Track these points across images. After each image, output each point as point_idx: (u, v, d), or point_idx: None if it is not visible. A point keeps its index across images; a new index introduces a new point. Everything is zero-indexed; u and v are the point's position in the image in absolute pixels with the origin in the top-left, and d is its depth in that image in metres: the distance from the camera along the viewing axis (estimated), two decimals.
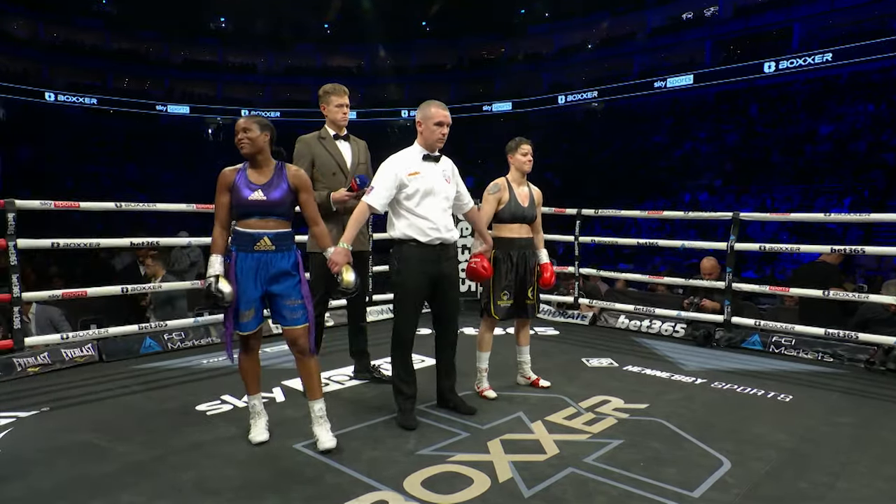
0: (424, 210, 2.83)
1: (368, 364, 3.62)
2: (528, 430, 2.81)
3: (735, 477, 2.33)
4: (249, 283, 2.52)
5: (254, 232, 2.51)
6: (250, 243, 2.51)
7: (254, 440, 2.63)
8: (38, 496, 2.20)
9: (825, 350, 4.18)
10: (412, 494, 2.18)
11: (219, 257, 2.54)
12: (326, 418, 2.61)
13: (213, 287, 2.46)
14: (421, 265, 2.83)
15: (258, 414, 2.70)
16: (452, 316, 3.01)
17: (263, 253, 2.51)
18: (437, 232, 2.84)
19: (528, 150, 3.34)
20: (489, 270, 3.10)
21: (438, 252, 2.87)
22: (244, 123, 2.54)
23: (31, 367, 3.71)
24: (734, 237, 4.57)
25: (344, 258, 2.64)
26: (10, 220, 3.54)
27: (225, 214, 2.56)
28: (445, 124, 2.86)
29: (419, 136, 2.90)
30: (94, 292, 4.16)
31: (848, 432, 2.85)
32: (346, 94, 3.41)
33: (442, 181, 2.90)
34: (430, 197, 2.84)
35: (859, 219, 4.05)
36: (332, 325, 4.74)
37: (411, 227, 2.83)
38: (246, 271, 2.51)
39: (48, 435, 2.74)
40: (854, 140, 19.03)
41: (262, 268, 2.52)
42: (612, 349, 4.44)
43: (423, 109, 2.88)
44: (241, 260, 2.52)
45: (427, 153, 2.89)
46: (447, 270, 2.91)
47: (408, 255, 2.83)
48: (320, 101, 3.41)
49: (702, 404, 3.20)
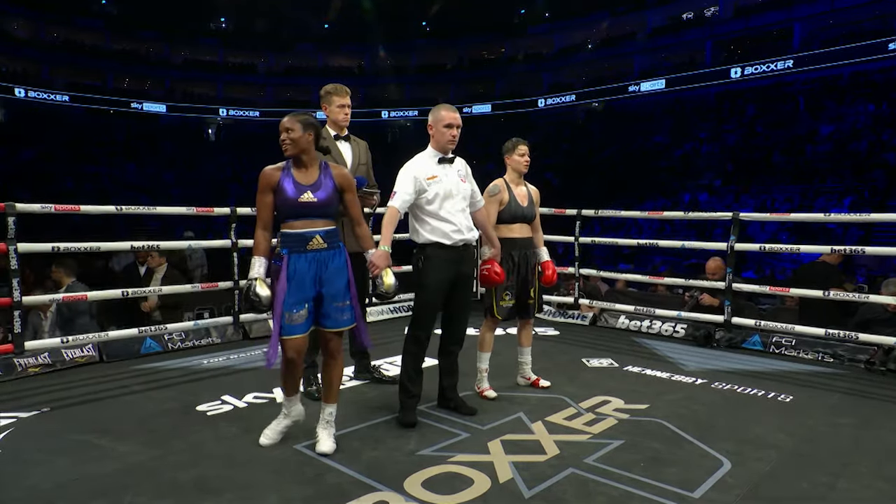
0: (446, 213, 2.88)
1: (368, 364, 3.63)
2: (528, 430, 2.81)
3: (735, 477, 2.33)
4: (304, 284, 2.46)
5: (305, 232, 2.47)
6: (303, 244, 2.47)
7: (261, 440, 2.61)
8: (39, 496, 2.20)
9: (825, 350, 4.18)
10: (412, 495, 2.18)
11: (261, 259, 2.49)
12: (333, 424, 2.60)
13: (252, 291, 2.43)
14: (445, 266, 2.87)
15: (284, 415, 2.66)
16: (464, 316, 3.04)
17: (317, 251, 2.48)
18: (459, 234, 2.90)
19: (526, 150, 3.36)
20: (502, 276, 3.11)
21: (461, 253, 2.93)
22: (287, 123, 2.49)
23: (32, 367, 3.72)
24: (734, 237, 4.57)
25: (385, 261, 2.66)
26: (10, 223, 3.53)
27: (268, 215, 2.51)
28: (455, 126, 2.90)
29: (431, 140, 2.94)
30: (95, 296, 4.16)
31: (848, 433, 2.85)
32: (349, 95, 3.40)
33: (458, 182, 2.94)
34: (449, 199, 2.89)
35: (859, 219, 4.05)
36: None
37: (435, 232, 2.87)
38: (301, 272, 2.46)
39: (49, 435, 2.75)
40: (854, 140, 19.02)
41: (319, 267, 2.48)
42: (613, 349, 4.44)
43: (433, 113, 2.93)
44: (294, 261, 2.46)
45: (442, 156, 2.93)
46: (466, 270, 2.97)
47: (433, 256, 2.87)
48: (322, 101, 3.40)
49: (702, 405, 3.20)
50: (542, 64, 31.23)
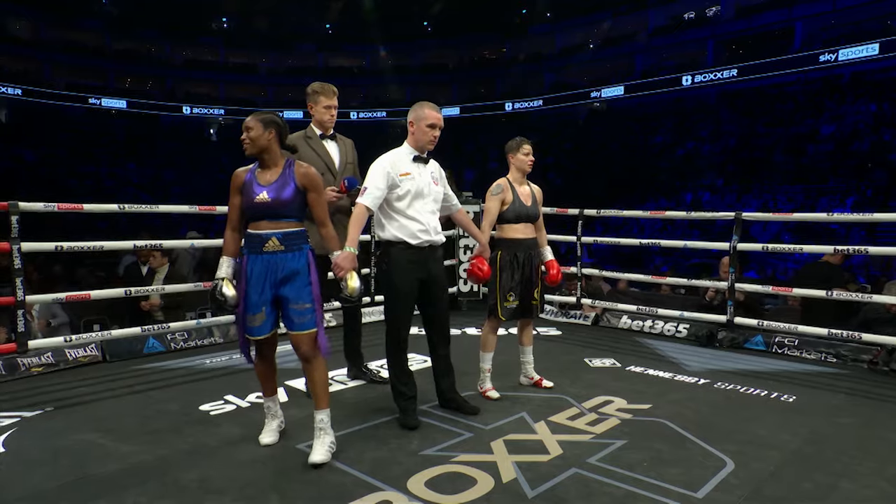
0: (414, 212, 2.83)
1: (362, 364, 3.62)
2: (531, 430, 2.81)
3: (739, 478, 2.33)
4: (259, 286, 2.44)
5: (262, 233, 2.45)
6: (259, 245, 2.45)
7: (260, 441, 2.62)
8: (43, 496, 2.20)
9: (828, 350, 4.17)
10: (416, 495, 2.18)
11: (228, 259, 2.51)
12: (328, 430, 2.51)
13: (218, 290, 2.45)
14: (410, 267, 2.84)
15: (272, 416, 2.68)
16: (443, 316, 3.01)
17: (273, 254, 2.44)
18: (426, 234, 2.85)
19: (529, 149, 3.35)
20: (487, 272, 3.12)
21: (427, 254, 2.88)
22: (248, 122, 2.46)
23: (35, 366, 3.72)
24: (737, 237, 4.57)
25: (351, 263, 2.57)
26: (13, 222, 3.53)
27: (236, 216, 2.51)
28: (438, 127, 2.87)
29: (410, 137, 2.90)
30: (98, 295, 4.17)
31: (851, 433, 2.85)
32: (336, 95, 3.33)
33: (431, 183, 2.91)
34: (420, 199, 2.85)
35: (862, 218, 4.03)
36: (333, 325, 4.75)
37: (402, 230, 2.83)
38: (256, 274, 2.45)
39: (52, 435, 2.75)
40: (857, 140, 18.99)
41: (272, 270, 2.45)
42: (615, 349, 4.43)
43: (416, 110, 2.88)
44: (251, 263, 2.46)
45: (417, 154, 2.89)
46: (435, 271, 2.93)
47: (396, 257, 2.83)
48: (308, 100, 3.33)
49: (705, 405, 3.20)
50: (543, 64, 31.20)
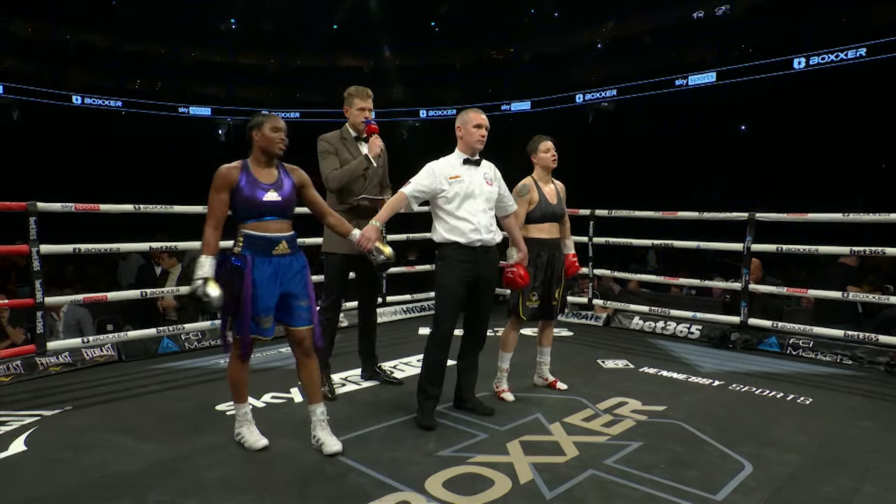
0: (465, 212, 2.87)
1: (374, 365, 3.63)
2: (546, 431, 2.81)
3: (758, 480, 2.32)
4: (269, 289, 2.46)
5: (272, 236, 2.46)
6: (268, 248, 2.45)
7: (256, 446, 2.58)
8: (67, 494, 2.23)
9: (844, 352, 4.14)
10: (434, 496, 2.19)
11: (210, 259, 2.39)
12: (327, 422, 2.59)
13: (201, 290, 2.31)
14: (461, 266, 2.87)
15: (250, 421, 2.68)
16: (484, 318, 3.04)
17: (282, 257, 2.48)
18: (477, 234, 2.88)
19: (550, 146, 3.35)
20: (526, 279, 3.11)
21: (479, 255, 2.90)
22: (283, 124, 2.51)
23: (53, 366, 3.76)
24: (750, 238, 4.54)
25: (376, 234, 2.70)
26: (31, 223, 3.57)
27: (222, 214, 2.47)
28: (484, 126, 2.92)
29: (459, 142, 2.96)
30: (115, 297, 4.21)
31: (871, 435, 2.83)
32: (370, 98, 3.37)
33: (483, 184, 2.94)
34: (470, 199, 2.89)
35: (878, 219, 3.99)
36: (345, 325, 4.76)
37: (452, 231, 2.88)
38: (266, 277, 2.45)
39: (73, 433, 2.78)
40: (870, 138, 18.78)
41: (281, 272, 2.48)
42: (627, 350, 4.42)
43: (461, 116, 2.96)
44: (259, 265, 2.44)
45: (467, 157, 2.94)
46: (486, 273, 2.94)
47: (449, 256, 2.88)
48: (344, 103, 3.40)
49: (720, 406, 3.19)
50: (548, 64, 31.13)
